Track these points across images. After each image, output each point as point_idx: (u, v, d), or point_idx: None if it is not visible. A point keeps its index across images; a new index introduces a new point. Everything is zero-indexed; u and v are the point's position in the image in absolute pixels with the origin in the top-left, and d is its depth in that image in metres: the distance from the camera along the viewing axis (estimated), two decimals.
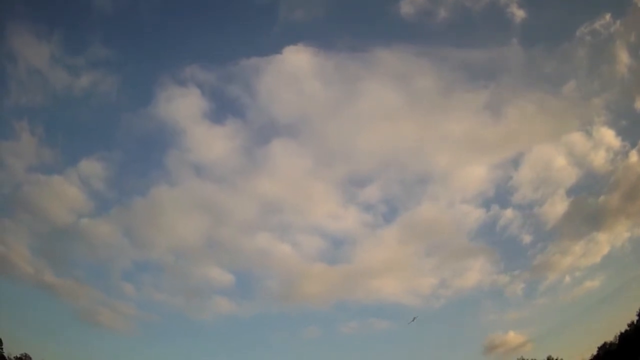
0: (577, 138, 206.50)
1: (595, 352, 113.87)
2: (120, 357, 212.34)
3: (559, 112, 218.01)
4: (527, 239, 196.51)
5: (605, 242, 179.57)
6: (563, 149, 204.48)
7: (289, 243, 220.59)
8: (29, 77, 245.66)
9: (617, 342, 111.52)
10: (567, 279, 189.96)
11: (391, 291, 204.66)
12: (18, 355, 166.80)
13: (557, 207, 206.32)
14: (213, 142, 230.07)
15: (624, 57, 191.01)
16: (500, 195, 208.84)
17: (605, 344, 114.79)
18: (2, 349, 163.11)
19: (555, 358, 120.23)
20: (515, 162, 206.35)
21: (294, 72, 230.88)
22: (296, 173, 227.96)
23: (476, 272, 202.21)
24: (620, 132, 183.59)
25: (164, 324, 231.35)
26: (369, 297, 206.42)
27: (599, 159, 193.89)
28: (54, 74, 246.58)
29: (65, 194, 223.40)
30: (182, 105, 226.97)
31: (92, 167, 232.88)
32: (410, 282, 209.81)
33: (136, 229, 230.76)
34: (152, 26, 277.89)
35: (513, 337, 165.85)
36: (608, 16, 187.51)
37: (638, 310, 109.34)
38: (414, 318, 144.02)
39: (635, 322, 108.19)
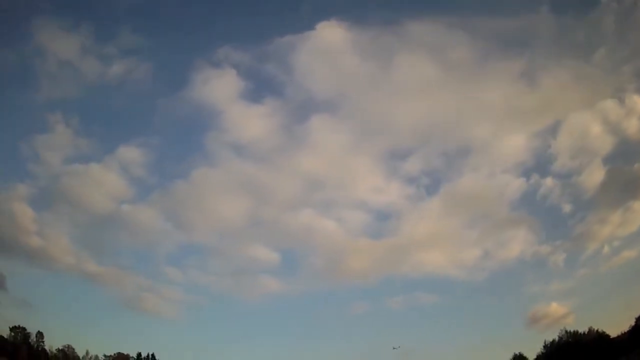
0: (610, 105, 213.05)
1: (633, 323, 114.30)
2: (168, 342, 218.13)
3: (592, 79, 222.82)
4: (566, 208, 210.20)
5: None
6: (598, 117, 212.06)
7: (333, 219, 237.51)
8: (59, 70, 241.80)
9: None
10: (606, 248, 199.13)
11: (436, 264, 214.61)
12: (60, 347, 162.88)
13: (595, 176, 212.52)
14: (251, 122, 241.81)
15: None
16: (539, 164, 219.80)
17: None
18: (43, 342, 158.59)
19: (595, 329, 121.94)
20: (553, 131, 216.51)
21: (329, 48, 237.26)
22: (337, 148, 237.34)
23: (518, 242, 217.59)
24: None
25: (211, 307, 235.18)
26: (414, 271, 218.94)
27: (633, 127, 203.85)
28: (85, 64, 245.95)
29: (104, 182, 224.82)
30: (219, 87, 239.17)
31: (131, 154, 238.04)
32: (454, 254, 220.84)
33: (179, 212, 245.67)
34: (182, 10, 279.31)
35: (556, 308, 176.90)
36: None
37: None
38: (398, 347, 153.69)
39: None
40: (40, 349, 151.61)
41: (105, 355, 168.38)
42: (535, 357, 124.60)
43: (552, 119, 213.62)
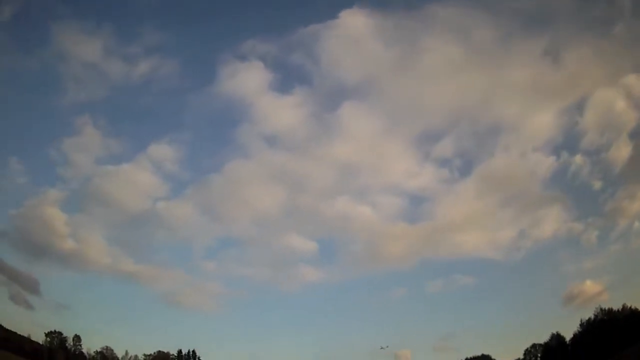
0: (633, 80, 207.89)
1: None
2: (208, 337, 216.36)
3: (613, 55, 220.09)
4: (597, 185, 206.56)
5: None
6: (622, 92, 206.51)
7: (369, 205, 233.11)
8: (84, 73, 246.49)
9: None
10: (637, 224, 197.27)
11: (472, 245, 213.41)
12: (98, 350, 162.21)
13: (622, 152, 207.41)
14: (282, 112, 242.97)
15: None
16: (568, 141, 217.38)
17: None
18: (80, 345, 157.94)
19: (629, 306, 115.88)
20: (580, 107, 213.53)
21: (353, 35, 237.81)
22: (368, 134, 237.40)
23: (551, 221, 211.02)
24: None
25: (251, 299, 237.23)
26: (451, 253, 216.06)
27: None
28: (109, 65, 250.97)
29: (137, 181, 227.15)
30: (247, 79, 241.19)
31: (162, 151, 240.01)
32: (489, 235, 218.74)
33: (214, 205, 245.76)
34: (205, 5, 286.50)
35: (590, 286, 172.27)
36: None
37: None
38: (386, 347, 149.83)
39: None
40: (77, 352, 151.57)
41: (145, 355, 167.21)
42: (572, 336, 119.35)
43: (578, 95, 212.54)
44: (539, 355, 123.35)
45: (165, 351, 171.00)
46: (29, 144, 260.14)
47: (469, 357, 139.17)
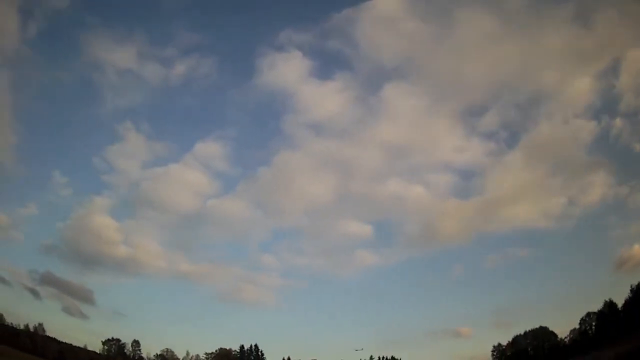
0: None
1: None
2: (270, 330, 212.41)
3: None
4: (638, 147, 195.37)
5: None
6: None
7: (420, 184, 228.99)
8: (120, 80, 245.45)
9: None
10: None
11: (524, 217, 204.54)
12: (158, 352, 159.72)
13: None
14: (325, 99, 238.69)
15: None
16: (607, 105, 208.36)
17: None
18: (139, 350, 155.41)
19: None
20: (614, 70, 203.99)
21: (388, 15, 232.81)
22: (413, 113, 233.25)
23: (598, 187, 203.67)
24: None
25: (309, 288, 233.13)
26: (504, 226, 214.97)
27: None
28: (145, 70, 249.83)
29: (187, 181, 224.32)
30: (286, 70, 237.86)
31: (209, 149, 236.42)
32: (539, 205, 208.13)
33: (266, 198, 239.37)
34: (236, 1, 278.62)
35: (639, 250, 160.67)
36: None
37: None
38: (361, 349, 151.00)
39: None
40: (137, 357, 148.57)
41: (206, 353, 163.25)
42: (623, 302, 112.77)
43: (611, 58, 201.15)
44: (593, 323, 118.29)
45: (227, 348, 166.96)
46: (71, 156, 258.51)
47: (527, 330, 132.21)
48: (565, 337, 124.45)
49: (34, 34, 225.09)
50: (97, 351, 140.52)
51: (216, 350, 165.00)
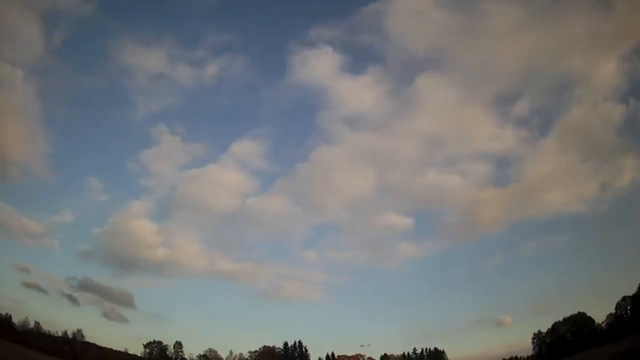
0: None
1: None
2: (314, 326, 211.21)
3: None
4: None
5: None
6: None
7: (458, 173, 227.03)
8: (151, 84, 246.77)
9: None
10: None
11: (559, 202, 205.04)
12: (201, 353, 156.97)
13: None
14: (359, 93, 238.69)
15: None
16: (634, 87, 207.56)
17: None
18: (182, 351, 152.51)
19: None
20: (638, 53, 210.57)
21: (416, 7, 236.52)
22: (447, 103, 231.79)
23: (629, 170, 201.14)
24: None
25: (352, 283, 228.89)
26: (540, 213, 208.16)
27: None
28: (176, 72, 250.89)
29: (225, 180, 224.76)
30: (318, 66, 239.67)
31: (245, 148, 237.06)
32: (574, 190, 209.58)
33: (306, 195, 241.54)
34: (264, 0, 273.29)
35: None
36: None
37: None
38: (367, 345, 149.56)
39: None
40: (179, 359, 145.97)
41: (250, 352, 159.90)
42: None
43: (635, 41, 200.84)
44: (629, 307, 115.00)
45: (271, 345, 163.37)
46: (106, 161, 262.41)
47: (566, 316, 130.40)
48: (602, 322, 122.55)
49: (59, 43, 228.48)
50: (139, 354, 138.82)
51: (260, 348, 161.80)
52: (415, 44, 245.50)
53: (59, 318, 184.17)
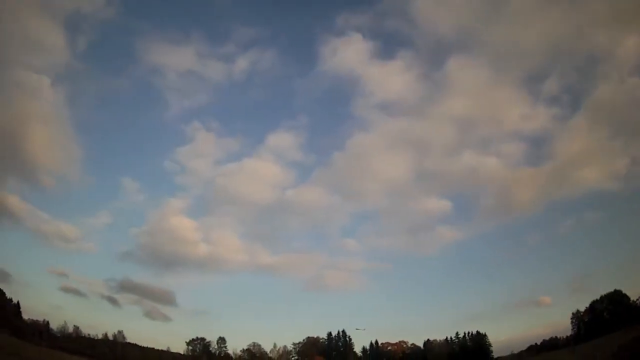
0: None
1: None
2: (357, 314, 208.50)
3: None
4: None
5: None
6: None
7: (492, 155, 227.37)
8: (182, 81, 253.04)
9: None
10: None
11: (592, 180, 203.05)
12: (245, 347, 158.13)
13: None
14: (391, 79, 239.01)
15: None
16: None
17: None
18: (225, 347, 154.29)
19: None
20: None
21: None
22: (479, 85, 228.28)
23: None
24: None
25: (393, 269, 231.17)
26: (574, 191, 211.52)
27: None
28: (206, 69, 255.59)
29: (262, 173, 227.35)
30: (349, 54, 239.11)
31: (281, 140, 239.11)
32: (606, 167, 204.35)
33: (344, 183, 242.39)
34: None
35: None
36: None
37: None
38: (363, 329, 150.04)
39: None
40: (222, 354, 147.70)
41: (294, 344, 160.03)
42: None
43: None
44: None
45: (315, 336, 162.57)
46: (140, 162, 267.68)
47: (602, 294, 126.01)
48: (638, 299, 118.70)
49: (84, 47, 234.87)
50: (182, 352, 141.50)
51: (303, 340, 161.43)
52: (443, 27, 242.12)
53: (99, 321, 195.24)
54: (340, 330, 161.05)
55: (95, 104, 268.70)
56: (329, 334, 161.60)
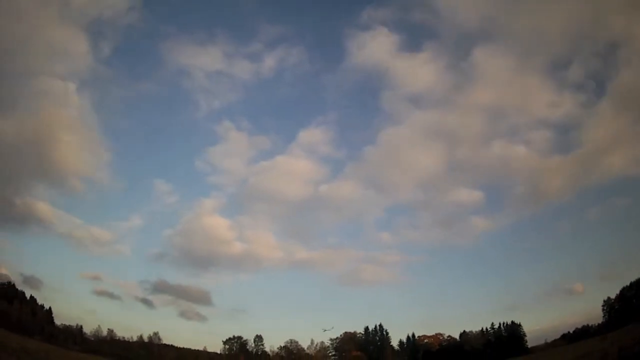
0: None
1: None
2: (394, 307, 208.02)
3: None
4: None
5: None
6: None
7: (522, 143, 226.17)
8: (210, 82, 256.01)
9: None
10: None
11: (620, 165, 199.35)
12: (282, 345, 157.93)
13: None
14: (418, 71, 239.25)
15: None
16: None
17: None
18: (262, 345, 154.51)
19: None
20: None
21: None
22: (505, 73, 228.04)
23: None
24: None
25: (428, 261, 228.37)
26: (604, 177, 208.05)
27: None
28: (234, 68, 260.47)
29: (295, 170, 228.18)
30: (375, 47, 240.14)
31: (312, 136, 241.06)
32: (633, 152, 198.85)
33: (376, 177, 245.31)
34: None
35: None
36: None
37: None
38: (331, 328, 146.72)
39: None
40: (260, 352, 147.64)
41: (331, 339, 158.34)
42: None
43: None
44: None
45: (352, 331, 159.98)
46: (172, 163, 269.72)
47: (632, 280, 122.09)
48: None
49: (108, 52, 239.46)
50: (218, 351, 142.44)
51: (341, 335, 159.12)
52: (467, 17, 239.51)
53: (134, 323, 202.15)
54: (377, 324, 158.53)
55: (122, 108, 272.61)
56: (366, 328, 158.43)
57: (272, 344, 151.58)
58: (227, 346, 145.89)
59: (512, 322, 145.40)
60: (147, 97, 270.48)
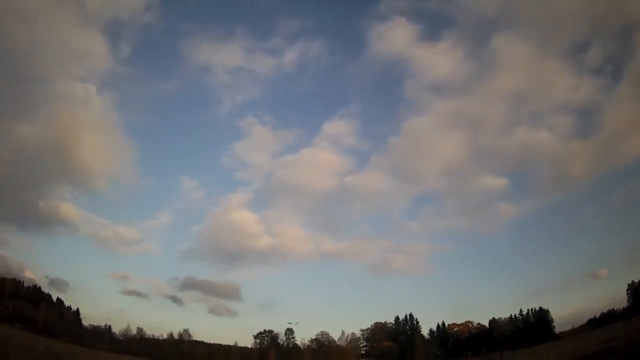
0: None
1: None
2: (423, 297, 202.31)
3: None
4: None
5: None
6: None
7: (544, 128, 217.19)
8: (232, 77, 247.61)
9: None
10: None
11: None
12: (313, 337, 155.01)
13: None
14: (439, 59, 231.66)
15: None
16: None
17: None
18: (293, 338, 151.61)
19: None
20: None
21: None
22: (525, 59, 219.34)
23: None
24: None
25: (456, 249, 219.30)
26: (625, 161, 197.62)
27: None
28: (255, 64, 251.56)
29: (320, 162, 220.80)
30: (395, 38, 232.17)
31: (336, 128, 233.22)
32: None
33: (402, 167, 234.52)
34: None
35: None
36: None
37: None
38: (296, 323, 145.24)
39: None
40: (291, 345, 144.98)
41: (362, 330, 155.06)
42: None
43: None
44: None
45: (382, 321, 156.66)
46: (197, 160, 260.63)
47: None
48: None
49: (128, 52, 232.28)
50: (249, 346, 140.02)
51: (371, 326, 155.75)
52: (485, 4, 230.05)
53: (163, 321, 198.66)
54: (407, 314, 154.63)
55: (145, 106, 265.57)
56: (397, 318, 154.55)
57: (303, 337, 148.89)
58: (258, 340, 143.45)
59: (540, 308, 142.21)
60: (169, 95, 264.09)
